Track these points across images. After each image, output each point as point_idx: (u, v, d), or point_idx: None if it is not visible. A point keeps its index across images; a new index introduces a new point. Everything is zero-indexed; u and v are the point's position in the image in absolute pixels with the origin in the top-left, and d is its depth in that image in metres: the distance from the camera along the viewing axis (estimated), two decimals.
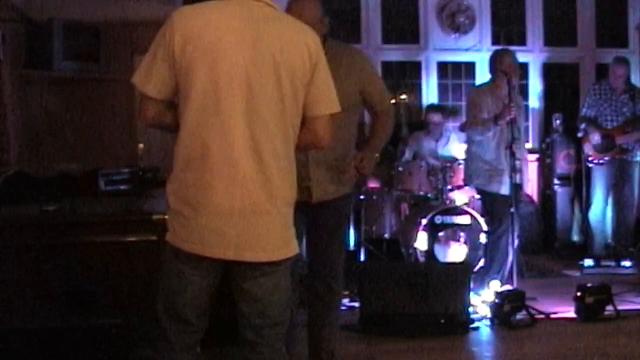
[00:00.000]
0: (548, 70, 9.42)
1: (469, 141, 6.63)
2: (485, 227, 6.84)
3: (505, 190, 6.21)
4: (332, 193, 4.19)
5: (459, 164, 7.35)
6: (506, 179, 6.17)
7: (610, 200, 8.13)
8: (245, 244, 2.87)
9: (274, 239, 2.93)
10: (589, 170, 8.05)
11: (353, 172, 4.23)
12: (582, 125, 7.96)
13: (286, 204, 2.96)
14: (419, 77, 9.12)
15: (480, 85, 6.97)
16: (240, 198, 2.83)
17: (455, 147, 8.02)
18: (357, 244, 7.56)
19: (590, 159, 7.89)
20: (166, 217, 3.08)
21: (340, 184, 4.23)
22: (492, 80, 6.50)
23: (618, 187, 7.99)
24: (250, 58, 2.83)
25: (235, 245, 2.86)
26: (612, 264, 7.56)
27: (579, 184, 8.49)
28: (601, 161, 7.81)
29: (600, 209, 7.96)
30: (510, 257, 6.22)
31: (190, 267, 2.91)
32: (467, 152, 6.67)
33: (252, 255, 2.89)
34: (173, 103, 2.93)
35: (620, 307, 5.87)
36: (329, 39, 4.18)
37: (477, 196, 6.99)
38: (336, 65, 4.06)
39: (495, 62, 6.49)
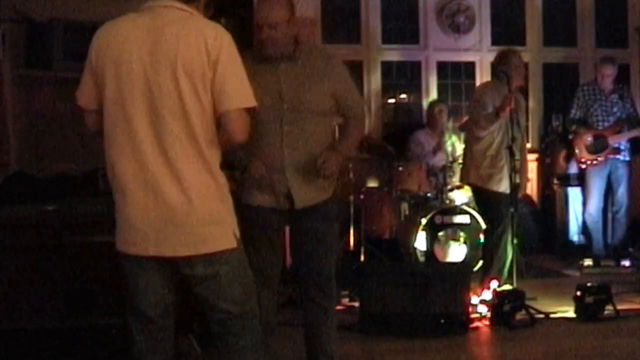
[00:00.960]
0: (547, 71, 9.42)
1: (469, 139, 6.61)
2: (484, 227, 6.83)
3: (504, 188, 6.21)
4: (314, 198, 4.14)
5: (459, 163, 7.35)
6: (506, 178, 6.16)
7: (607, 201, 8.15)
8: (163, 241, 3.00)
9: (194, 234, 3.01)
10: (582, 171, 8.05)
11: (334, 177, 4.20)
12: (573, 127, 7.96)
13: (210, 199, 3.04)
14: (419, 77, 9.12)
15: (486, 82, 6.96)
16: (153, 197, 2.97)
17: (456, 145, 8.04)
18: (357, 244, 7.55)
19: (582, 160, 7.88)
20: None
21: (323, 189, 4.19)
22: (497, 78, 6.50)
23: (613, 186, 8.00)
24: (149, 63, 2.96)
25: (155, 242, 3.00)
26: (612, 263, 7.57)
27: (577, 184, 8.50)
28: (594, 162, 7.81)
29: (596, 210, 7.96)
30: (510, 257, 6.22)
31: (132, 265, 3.10)
32: (467, 150, 6.65)
33: (172, 251, 3.01)
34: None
35: (619, 307, 5.87)
36: (302, 43, 4.16)
37: (470, 194, 6.98)
38: (309, 70, 4.05)
39: (502, 62, 6.48)
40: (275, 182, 4.05)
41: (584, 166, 7.92)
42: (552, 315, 5.88)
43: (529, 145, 9.07)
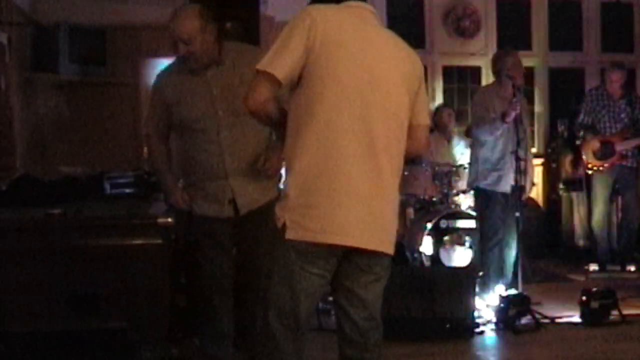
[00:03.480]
0: (553, 75, 9.41)
1: (474, 144, 6.60)
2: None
3: (508, 189, 6.21)
4: (258, 200, 4.15)
5: (465, 168, 7.35)
6: (509, 179, 6.16)
7: (613, 207, 8.14)
8: (373, 234, 2.92)
9: (394, 233, 3.04)
10: (589, 177, 8.03)
11: (277, 176, 4.22)
12: (581, 133, 7.94)
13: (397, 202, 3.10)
14: (425, 82, 9.10)
15: (486, 86, 6.96)
16: (379, 192, 2.92)
17: (462, 150, 8.04)
18: None
19: (589, 166, 7.87)
20: (170, 220, 3.09)
21: (267, 189, 4.19)
22: (497, 81, 6.51)
23: (620, 193, 7.99)
24: (383, 61, 2.96)
25: (369, 234, 2.91)
26: (617, 268, 7.55)
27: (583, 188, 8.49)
28: (601, 168, 7.79)
29: (602, 216, 7.94)
30: (513, 261, 6.23)
31: (313, 266, 2.90)
32: (473, 154, 6.65)
33: (380, 245, 2.95)
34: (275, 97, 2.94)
35: (625, 312, 5.86)
36: (225, 43, 4.15)
37: (471, 193, 6.98)
38: (239, 70, 4.04)
39: (498, 64, 6.50)
40: (219, 190, 4.06)
41: (590, 172, 7.90)
42: (558, 320, 5.87)
43: (534, 150, 9.08)
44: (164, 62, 4.79)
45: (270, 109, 2.91)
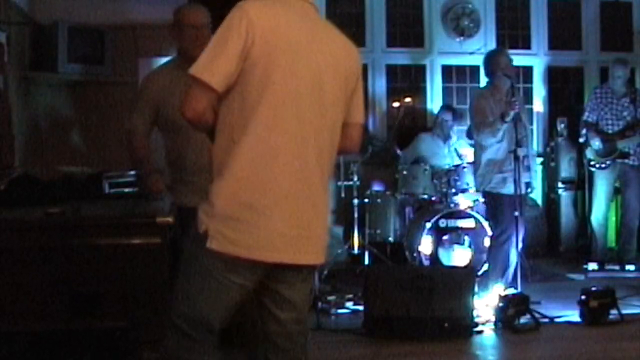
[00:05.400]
0: (552, 74, 9.41)
1: (477, 148, 6.59)
2: (489, 231, 6.84)
3: (512, 190, 6.20)
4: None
5: (464, 167, 7.35)
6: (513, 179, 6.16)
7: (613, 205, 8.14)
8: (302, 247, 2.85)
9: (323, 243, 2.96)
10: (591, 174, 8.04)
11: None
12: (584, 131, 7.95)
13: (328, 207, 3.02)
14: (424, 81, 9.12)
15: (481, 90, 6.96)
16: (307, 203, 2.83)
17: (462, 148, 8.04)
18: (362, 247, 7.56)
19: (592, 163, 7.88)
20: (170, 219, 3.08)
21: None
22: (491, 82, 6.52)
23: (621, 191, 8.00)
24: (322, 60, 2.87)
25: (293, 249, 2.83)
26: (617, 267, 7.56)
27: (583, 187, 8.49)
28: (603, 165, 7.80)
29: (602, 213, 7.95)
30: (514, 261, 6.22)
31: (238, 274, 2.80)
32: (476, 158, 6.64)
33: (306, 258, 2.89)
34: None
35: (624, 311, 5.86)
36: None
37: (482, 199, 6.98)
38: None
39: (491, 64, 6.51)
40: (205, 182, 4.09)
41: (593, 170, 7.91)
42: (557, 320, 5.87)
43: (534, 149, 9.08)
44: (162, 62, 4.81)
45: (209, 117, 2.81)
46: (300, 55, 2.80)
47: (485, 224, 6.95)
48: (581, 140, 8.03)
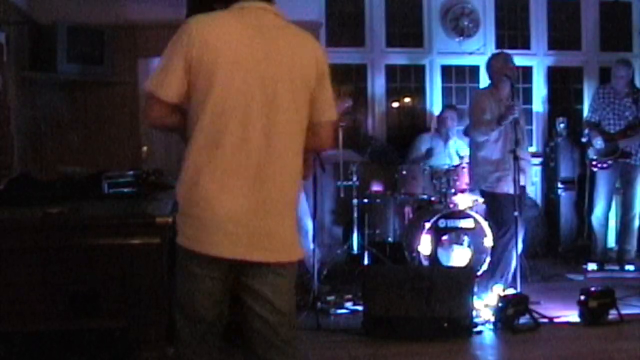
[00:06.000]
0: (552, 74, 9.40)
1: (473, 146, 6.61)
2: (488, 231, 6.83)
3: (511, 189, 6.22)
4: None
5: (463, 167, 7.35)
6: (511, 179, 6.17)
7: (614, 204, 8.15)
8: (256, 245, 2.95)
9: (284, 241, 3.02)
10: (593, 174, 8.05)
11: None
12: (586, 130, 7.97)
13: (293, 207, 3.07)
14: (423, 81, 9.11)
15: (483, 89, 6.97)
16: (255, 200, 2.93)
17: (461, 148, 8.04)
18: (361, 247, 7.56)
19: (594, 163, 7.89)
20: (169, 219, 3.13)
21: None
22: (493, 84, 6.55)
23: (622, 190, 8.00)
24: (266, 66, 2.95)
25: (245, 246, 2.94)
26: (616, 268, 7.57)
27: (583, 187, 8.49)
28: (604, 165, 7.81)
29: (603, 213, 7.95)
30: (514, 261, 6.23)
31: (201, 267, 2.99)
32: (472, 157, 6.65)
33: (261, 256, 2.96)
34: (178, 106, 3.00)
35: (623, 312, 5.87)
36: None
37: (481, 199, 6.99)
38: None
39: (492, 68, 6.54)
40: None
41: (595, 169, 7.92)
42: (556, 320, 5.87)
43: (533, 149, 9.09)
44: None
45: (169, 121, 3.03)
46: (243, 66, 2.93)
47: (485, 224, 6.94)
48: (583, 140, 8.04)
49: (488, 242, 6.87)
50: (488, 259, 6.81)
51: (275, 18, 3.06)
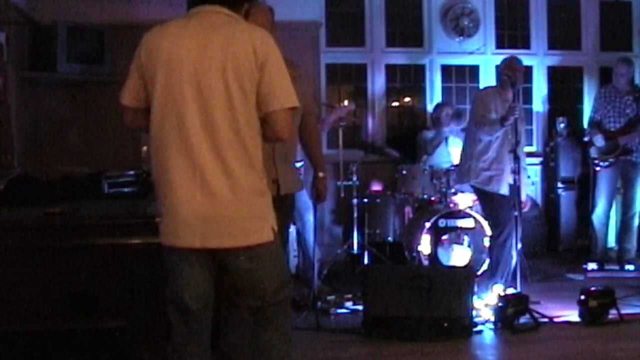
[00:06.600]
0: (552, 74, 9.40)
1: (472, 140, 6.58)
2: (488, 231, 6.83)
3: (505, 190, 6.23)
4: (291, 188, 4.44)
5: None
6: (506, 180, 6.17)
7: (614, 204, 8.15)
8: (209, 233, 3.14)
9: (238, 226, 3.16)
10: (595, 173, 8.04)
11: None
12: (588, 129, 7.99)
13: (253, 194, 3.19)
14: (423, 81, 9.11)
15: (489, 87, 6.97)
16: (201, 190, 3.11)
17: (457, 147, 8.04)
18: (361, 247, 7.55)
19: (595, 162, 7.90)
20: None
21: (298, 182, 4.63)
22: (499, 83, 6.56)
23: (623, 189, 8.00)
24: (199, 63, 3.12)
25: (201, 235, 3.14)
26: (616, 267, 7.56)
27: (584, 187, 8.49)
28: (606, 163, 7.81)
29: (604, 212, 7.95)
30: (514, 261, 6.23)
31: (176, 258, 3.23)
32: (467, 150, 6.62)
33: (218, 243, 3.16)
34: (144, 109, 3.28)
35: (624, 311, 5.86)
36: None
37: (474, 196, 6.98)
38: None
39: (501, 67, 6.59)
40: (267, 171, 4.21)
41: (597, 168, 7.92)
42: (556, 319, 5.86)
43: (533, 149, 9.09)
44: None
45: (140, 123, 3.33)
46: (178, 66, 3.13)
47: (485, 223, 6.94)
48: (585, 139, 8.05)
49: (488, 241, 6.86)
50: (488, 259, 6.80)
51: (223, 18, 3.22)
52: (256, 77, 3.13)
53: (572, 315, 5.89)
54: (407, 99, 9.19)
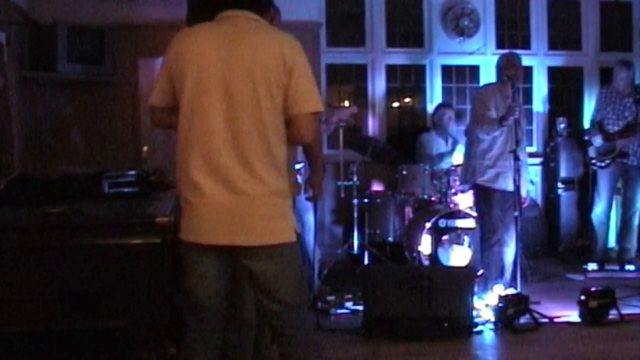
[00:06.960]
0: (552, 74, 9.40)
1: (473, 140, 6.58)
2: None
3: (510, 187, 6.20)
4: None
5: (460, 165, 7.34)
6: (511, 176, 6.17)
7: (614, 203, 8.15)
8: (234, 231, 3.19)
9: (266, 225, 3.22)
10: (594, 173, 8.05)
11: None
12: (589, 130, 8.00)
13: (278, 194, 3.25)
14: (423, 81, 9.11)
15: (489, 84, 6.95)
16: (226, 190, 3.18)
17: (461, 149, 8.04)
18: (361, 247, 7.55)
19: (593, 162, 7.91)
20: (169, 219, 3.36)
21: (295, 184, 4.79)
22: (499, 80, 6.54)
23: (621, 190, 8.00)
24: (227, 66, 3.18)
25: (226, 232, 3.20)
26: (616, 268, 7.57)
27: (585, 187, 8.50)
28: (603, 164, 7.82)
29: (603, 211, 7.96)
30: (512, 260, 6.23)
31: (196, 255, 3.28)
32: (470, 150, 6.62)
33: (244, 240, 3.21)
34: (171, 109, 3.34)
35: (624, 312, 5.86)
36: None
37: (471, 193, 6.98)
38: None
39: (500, 64, 6.55)
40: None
41: (595, 168, 7.93)
42: (557, 320, 5.87)
43: (534, 149, 9.09)
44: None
45: (168, 122, 3.40)
46: (206, 71, 3.19)
47: None
48: (586, 138, 8.05)
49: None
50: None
51: (252, 23, 3.28)
52: (284, 81, 3.20)
53: (572, 315, 5.90)
54: (407, 100, 9.19)
